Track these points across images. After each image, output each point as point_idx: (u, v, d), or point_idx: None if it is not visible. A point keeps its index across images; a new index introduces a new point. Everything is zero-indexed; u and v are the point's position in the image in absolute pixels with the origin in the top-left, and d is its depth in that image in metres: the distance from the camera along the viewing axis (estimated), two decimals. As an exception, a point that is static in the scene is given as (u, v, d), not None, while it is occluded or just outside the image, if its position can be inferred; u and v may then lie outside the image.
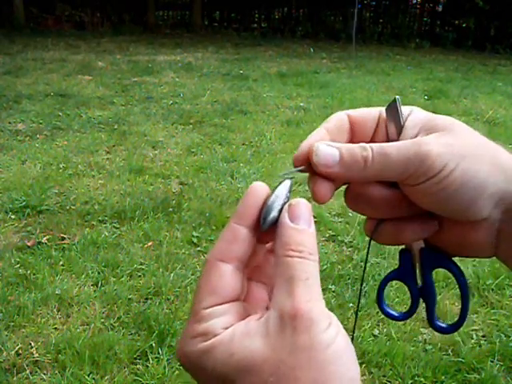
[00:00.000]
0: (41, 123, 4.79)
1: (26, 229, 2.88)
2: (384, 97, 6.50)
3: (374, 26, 13.49)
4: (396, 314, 0.48)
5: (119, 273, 2.50)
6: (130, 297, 2.33)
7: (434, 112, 0.42)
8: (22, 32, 10.71)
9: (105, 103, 5.63)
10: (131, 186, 3.50)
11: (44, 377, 1.88)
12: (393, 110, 0.41)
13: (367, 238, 0.44)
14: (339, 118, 0.42)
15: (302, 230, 0.35)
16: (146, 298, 2.34)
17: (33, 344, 2.03)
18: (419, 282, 0.45)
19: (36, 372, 1.90)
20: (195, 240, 2.83)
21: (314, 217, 0.36)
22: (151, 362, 1.96)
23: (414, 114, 0.41)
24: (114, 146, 4.31)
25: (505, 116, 5.77)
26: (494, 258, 0.41)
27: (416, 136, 0.39)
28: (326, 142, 0.38)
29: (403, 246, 0.45)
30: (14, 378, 1.87)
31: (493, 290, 2.48)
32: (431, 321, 0.46)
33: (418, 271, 0.45)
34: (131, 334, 2.11)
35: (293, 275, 0.33)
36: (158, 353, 2.00)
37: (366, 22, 13.72)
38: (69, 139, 4.41)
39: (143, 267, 2.56)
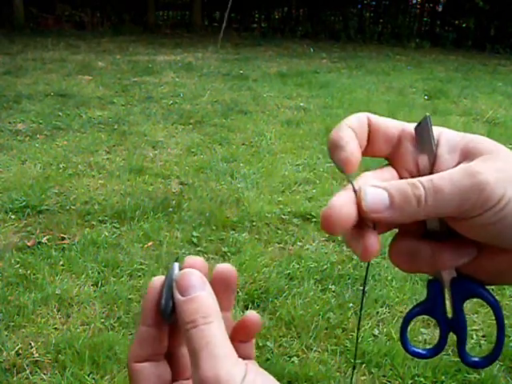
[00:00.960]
0: (41, 123, 4.79)
1: (26, 229, 2.89)
2: (384, 97, 6.51)
3: (374, 26, 13.49)
4: (423, 352, 0.45)
5: (119, 273, 2.50)
6: (129, 297, 2.33)
7: (433, 112, 0.41)
8: (22, 32, 10.71)
9: (105, 103, 5.63)
10: (131, 186, 3.50)
11: (44, 377, 1.88)
12: (423, 129, 0.37)
13: None
14: (361, 120, 0.38)
15: (192, 299, 0.34)
16: (146, 298, 2.33)
17: (33, 344, 2.03)
18: (449, 314, 0.42)
19: (36, 372, 1.90)
20: (195, 240, 2.83)
21: (314, 216, 0.36)
22: (151, 361, 1.96)
23: (445, 136, 0.37)
24: (114, 145, 4.32)
25: (505, 116, 5.77)
26: None
27: (458, 163, 0.36)
28: (372, 184, 0.35)
29: (431, 277, 0.41)
30: (14, 378, 1.87)
31: (493, 289, 2.47)
32: (463, 355, 0.42)
33: (448, 303, 0.41)
34: (131, 334, 2.11)
35: (194, 347, 0.33)
36: (158, 353, 2.00)
37: (366, 22, 13.73)
38: (69, 139, 4.41)
39: (143, 267, 2.56)
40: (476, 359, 0.41)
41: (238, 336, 0.38)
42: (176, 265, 0.37)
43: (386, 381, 1.94)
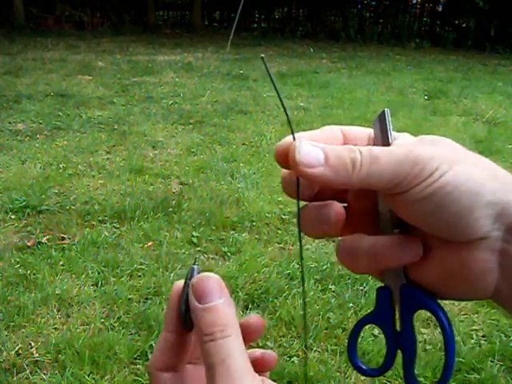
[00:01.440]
0: (41, 123, 4.79)
1: (26, 229, 2.88)
2: (384, 97, 6.51)
3: (374, 26, 13.49)
4: (368, 371, 0.40)
5: (119, 273, 2.50)
6: (130, 297, 2.33)
7: (433, 112, 0.41)
8: (22, 32, 10.71)
9: (105, 103, 5.63)
10: (131, 186, 3.50)
11: (44, 377, 1.88)
12: (381, 123, 0.37)
13: None
14: (333, 130, 0.39)
15: (209, 309, 0.33)
16: (146, 298, 2.34)
17: (33, 344, 2.03)
18: (398, 327, 0.38)
19: (36, 372, 1.90)
20: (195, 240, 2.83)
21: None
22: (151, 362, 1.96)
23: (403, 137, 0.38)
24: (114, 145, 4.32)
25: (505, 116, 5.77)
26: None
27: None
28: (310, 142, 0.34)
29: (381, 284, 0.39)
30: (14, 378, 1.87)
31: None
32: (407, 376, 0.37)
33: (397, 314, 0.38)
34: (131, 333, 2.11)
35: (210, 362, 0.32)
36: (158, 353, 2.00)
37: (366, 22, 13.73)
38: (69, 139, 4.41)
39: (143, 267, 2.56)
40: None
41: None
42: (195, 268, 0.36)
43: (386, 381, 1.94)
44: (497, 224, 0.32)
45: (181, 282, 0.37)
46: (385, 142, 0.36)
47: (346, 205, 0.39)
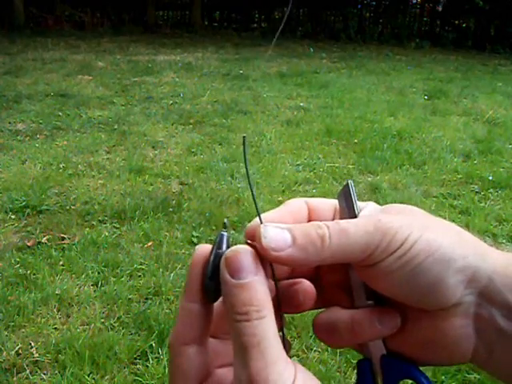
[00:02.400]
0: (41, 123, 4.79)
1: (26, 229, 2.88)
2: (384, 97, 6.51)
3: (374, 26, 13.50)
4: None
5: (119, 273, 2.50)
6: (130, 297, 2.33)
7: (433, 112, 0.41)
8: (22, 32, 10.72)
9: (105, 103, 5.63)
10: (131, 186, 3.50)
11: (44, 377, 1.88)
12: (346, 195, 0.37)
13: None
14: (298, 204, 0.38)
15: (245, 285, 0.31)
16: (146, 298, 2.34)
17: (33, 344, 2.02)
18: None
19: (36, 372, 1.90)
20: (195, 240, 2.83)
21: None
22: (151, 362, 1.96)
23: (369, 206, 0.38)
24: (114, 146, 4.32)
25: (505, 116, 5.77)
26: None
27: None
28: (274, 224, 0.33)
29: (361, 357, 0.38)
30: (14, 378, 1.87)
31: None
32: None
33: None
34: (131, 333, 2.11)
35: (243, 343, 0.31)
36: (158, 353, 2.00)
37: (366, 22, 13.73)
38: (69, 139, 4.41)
39: (143, 267, 2.56)
40: None
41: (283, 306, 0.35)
42: (225, 235, 0.34)
43: None
44: (469, 289, 0.32)
45: (204, 247, 0.34)
46: (351, 214, 0.36)
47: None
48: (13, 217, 3.00)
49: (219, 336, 0.37)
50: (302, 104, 5.95)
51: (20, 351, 1.99)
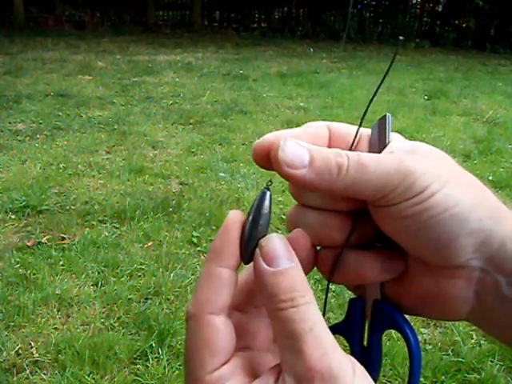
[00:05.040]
0: (41, 123, 4.79)
1: (26, 229, 2.88)
2: (384, 97, 6.50)
3: (374, 26, 13.50)
4: None
5: (119, 273, 2.50)
6: (130, 297, 2.33)
7: (433, 112, 0.40)
8: (22, 32, 10.71)
9: (105, 103, 5.63)
10: (131, 186, 3.50)
11: (44, 377, 1.88)
12: (380, 127, 0.35)
13: None
14: (320, 125, 0.36)
15: (285, 272, 0.30)
16: (146, 298, 2.34)
17: (33, 344, 2.02)
18: (365, 342, 0.37)
19: (36, 372, 1.90)
20: (195, 240, 2.83)
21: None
22: (151, 361, 1.96)
23: (396, 140, 0.36)
24: (114, 145, 4.32)
25: (505, 116, 5.77)
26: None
27: None
28: (296, 140, 0.32)
29: (354, 296, 0.38)
30: (14, 378, 1.87)
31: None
32: None
33: (366, 329, 0.37)
34: (131, 333, 2.11)
35: (294, 330, 0.28)
36: (158, 353, 2.00)
37: (366, 22, 13.73)
38: (69, 139, 4.41)
39: (143, 267, 2.56)
40: None
41: None
42: (267, 193, 0.33)
43: (386, 381, 1.94)
44: (477, 253, 0.31)
45: (237, 212, 0.33)
46: (380, 147, 0.35)
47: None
48: (13, 217, 3.00)
49: (243, 310, 0.35)
50: (302, 104, 5.95)
51: (20, 351, 1.99)
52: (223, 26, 13.98)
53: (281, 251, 0.31)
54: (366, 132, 0.37)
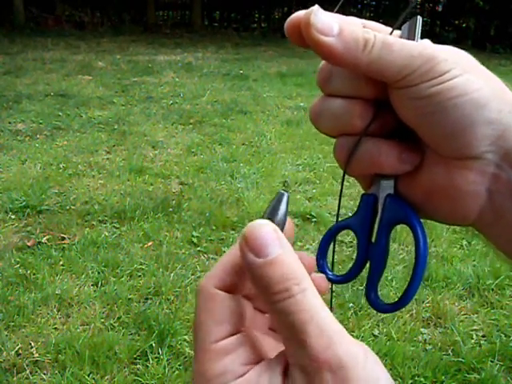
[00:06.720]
0: (41, 123, 4.79)
1: (25, 229, 2.88)
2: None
3: (374, 25, 13.51)
4: (331, 276, 0.38)
5: (119, 273, 2.50)
6: (129, 297, 2.33)
7: None
8: (22, 32, 10.72)
9: (105, 103, 5.63)
10: (131, 186, 3.50)
11: (44, 377, 1.88)
12: (411, 27, 0.36)
13: None
14: (353, 19, 0.37)
15: (275, 261, 0.28)
16: (146, 298, 2.34)
17: (33, 344, 2.02)
18: (373, 239, 0.37)
19: (36, 372, 1.90)
20: (195, 240, 2.83)
21: (314, 216, 0.36)
22: (151, 361, 1.96)
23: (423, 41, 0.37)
24: (114, 145, 4.32)
25: (505, 116, 5.77)
26: (492, 256, 0.35)
27: None
28: (328, 12, 0.33)
29: (367, 191, 0.38)
30: (14, 378, 1.87)
31: (493, 289, 2.47)
32: (369, 291, 0.36)
33: (376, 224, 0.36)
34: (131, 333, 2.11)
35: (294, 322, 0.27)
36: (158, 353, 2.00)
37: (366, 22, 13.73)
38: (69, 139, 4.41)
39: (143, 267, 2.56)
40: (383, 304, 0.36)
41: None
42: (285, 194, 0.32)
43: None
44: (494, 146, 0.31)
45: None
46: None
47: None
48: (13, 217, 3.00)
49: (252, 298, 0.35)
50: (302, 104, 5.95)
51: (20, 351, 1.99)
52: (223, 26, 13.98)
53: (267, 238, 0.28)
54: (396, 32, 0.37)
